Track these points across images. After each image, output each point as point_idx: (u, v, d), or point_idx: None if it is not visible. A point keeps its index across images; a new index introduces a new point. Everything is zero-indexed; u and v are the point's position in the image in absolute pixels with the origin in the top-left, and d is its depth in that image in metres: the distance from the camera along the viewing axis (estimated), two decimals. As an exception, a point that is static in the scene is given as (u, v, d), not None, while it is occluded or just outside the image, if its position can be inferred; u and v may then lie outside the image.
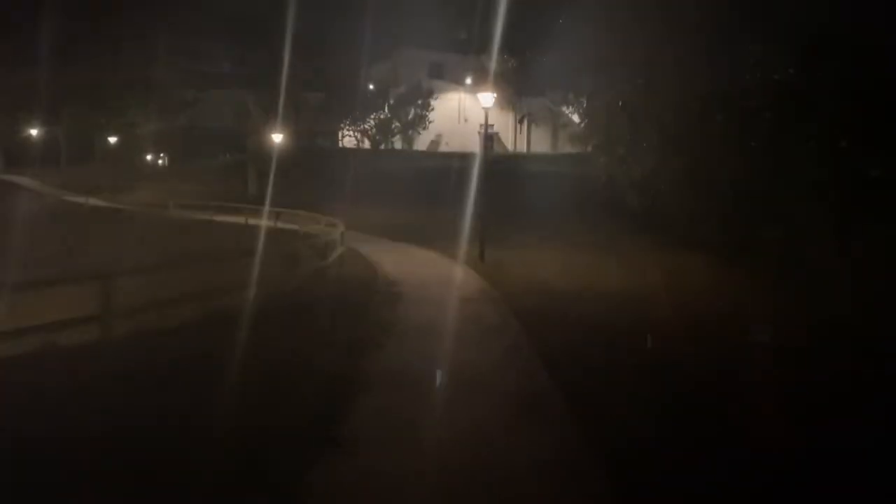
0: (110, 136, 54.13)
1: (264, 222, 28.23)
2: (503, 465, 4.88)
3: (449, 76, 55.97)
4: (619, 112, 16.69)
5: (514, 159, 45.20)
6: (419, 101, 52.59)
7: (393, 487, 4.55)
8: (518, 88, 44.28)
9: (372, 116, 52.49)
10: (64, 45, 45.54)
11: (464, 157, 36.79)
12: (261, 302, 10.25)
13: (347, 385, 6.73)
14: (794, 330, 9.90)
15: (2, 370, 6.69)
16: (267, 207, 30.30)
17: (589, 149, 22.33)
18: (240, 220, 31.37)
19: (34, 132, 58.82)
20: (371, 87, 51.34)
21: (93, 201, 42.09)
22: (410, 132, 53.41)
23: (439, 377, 5.39)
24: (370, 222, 27.42)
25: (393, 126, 53.22)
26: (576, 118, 41.11)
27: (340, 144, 55.12)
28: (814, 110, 14.17)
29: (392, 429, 5.57)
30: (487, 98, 16.83)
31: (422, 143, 54.52)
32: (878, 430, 5.79)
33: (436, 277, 15.78)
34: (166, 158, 66.86)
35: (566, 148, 44.28)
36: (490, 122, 18.51)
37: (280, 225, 28.80)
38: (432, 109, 52.82)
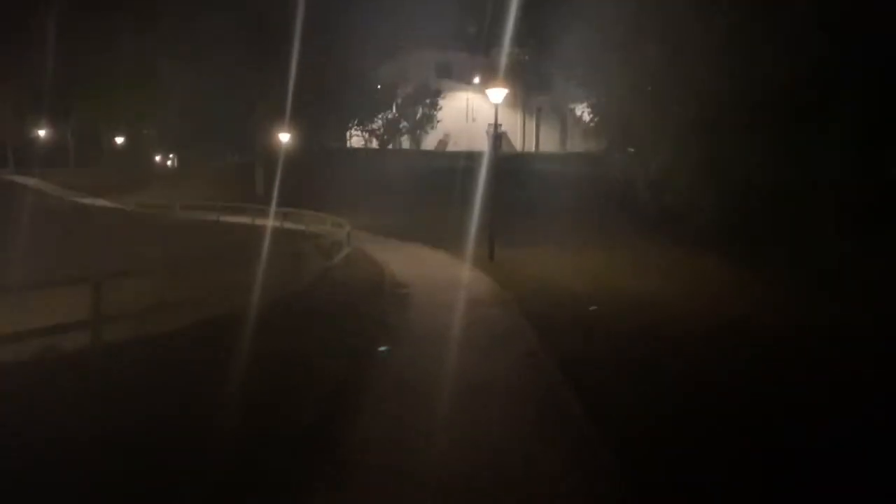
0: (119, 136, 54.11)
1: (271, 223, 27.99)
2: (515, 489, 4.50)
3: (457, 76, 55.57)
4: (639, 101, 16.20)
5: (523, 158, 44.76)
6: (427, 101, 52.22)
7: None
8: (527, 85, 43.48)
9: (379, 116, 52.16)
10: (72, 46, 45.56)
11: (471, 157, 36.42)
12: (263, 306, 9.91)
13: (351, 397, 6.37)
14: (803, 332, 9.62)
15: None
16: (274, 208, 30.07)
17: (602, 147, 21.90)
18: (246, 220, 31.14)
19: (42, 133, 58.88)
20: (378, 86, 51.01)
21: (100, 202, 42.01)
22: (418, 132, 53.06)
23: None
24: (378, 222, 27.13)
25: (401, 126, 52.89)
26: (586, 116, 40.60)
27: (348, 144, 54.85)
28: (824, 110, 13.77)
29: (396, 448, 5.18)
30: (497, 94, 16.36)
31: (429, 142, 54.16)
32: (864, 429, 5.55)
33: (445, 279, 15.41)
34: (175, 159, 66.86)
35: (576, 146, 43.84)
36: (498, 120, 18.09)
37: (287, 225, 28.54)
38: (440, 109, 52.43)
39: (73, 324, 7.63)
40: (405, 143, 54.34)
